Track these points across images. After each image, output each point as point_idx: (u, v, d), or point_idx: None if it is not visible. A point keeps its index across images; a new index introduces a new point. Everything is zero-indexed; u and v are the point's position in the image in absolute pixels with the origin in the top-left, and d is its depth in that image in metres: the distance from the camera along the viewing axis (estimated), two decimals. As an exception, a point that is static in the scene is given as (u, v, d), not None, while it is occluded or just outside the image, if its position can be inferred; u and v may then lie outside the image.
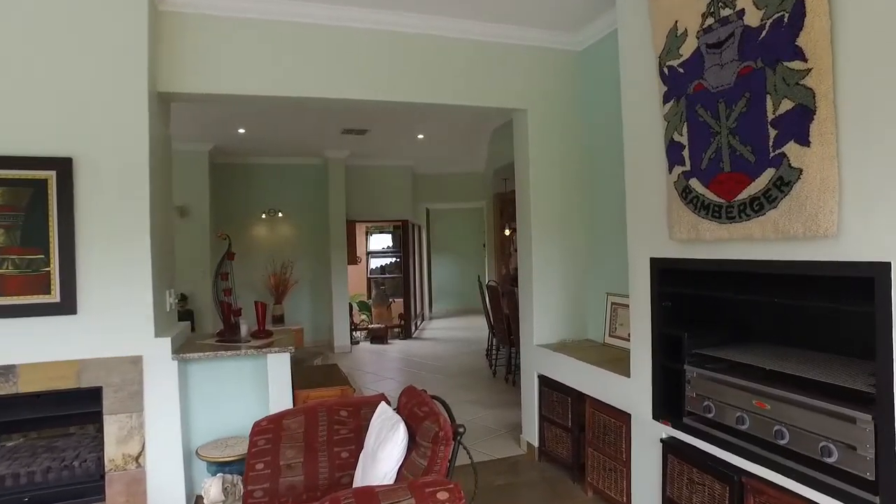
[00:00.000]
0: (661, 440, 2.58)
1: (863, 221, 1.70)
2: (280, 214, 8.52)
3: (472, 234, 12.26)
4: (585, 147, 3.97)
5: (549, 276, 3.93)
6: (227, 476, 3.00)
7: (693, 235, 2.29)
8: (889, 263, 1.62)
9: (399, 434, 2.04)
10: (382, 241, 11.72)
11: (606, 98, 3.55)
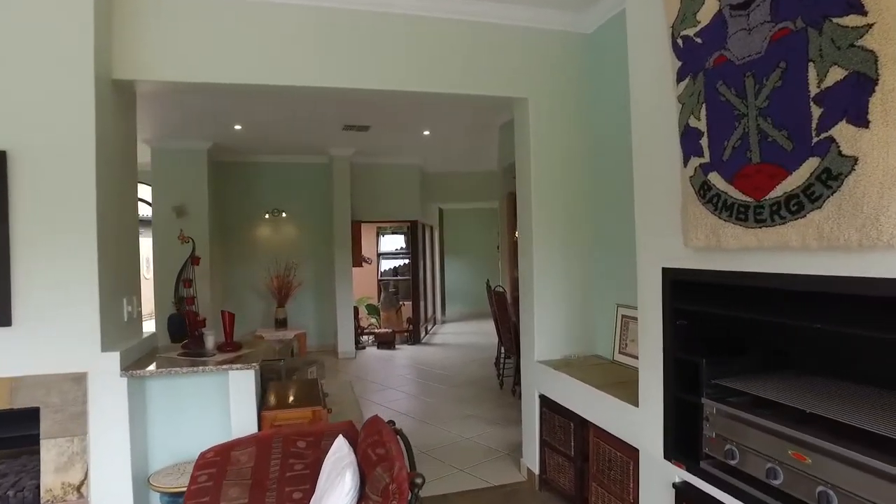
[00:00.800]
0: (674, 485, 2.17)
1: (940, 227, 1.28)
2: (284, 215, 8.25)
3: (487, 236, 11.83)
4: (594, 140, 3.55)
5: (552, 283, 3.52)
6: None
7: (713, 242, 1.87)
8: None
9: (345, 484, 1.68)
10: (395, 243, 11.40)
11: (618, 87, 3.13)
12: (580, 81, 3.56)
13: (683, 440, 2.14)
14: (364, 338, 9.13)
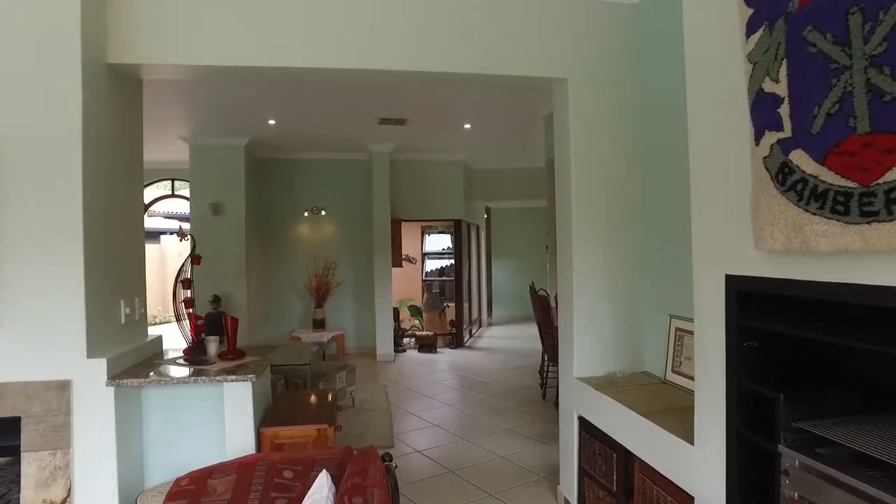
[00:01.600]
0: (740, 551, 1.71)
1: None
2: (323, 212, 8.08)
3: (536, 236, 11.31)
4: (643, 124, 3.08)
5: (595, 289, 3.07)
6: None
7: (795, 243, 1.42)
8: None
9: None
10: (441, 242, 11.08)
11: (672, 66, 2.64)
12: (626, 59, 3.10)
13: (753, 494, 1.68)
14: (405, 340, 8.86)
